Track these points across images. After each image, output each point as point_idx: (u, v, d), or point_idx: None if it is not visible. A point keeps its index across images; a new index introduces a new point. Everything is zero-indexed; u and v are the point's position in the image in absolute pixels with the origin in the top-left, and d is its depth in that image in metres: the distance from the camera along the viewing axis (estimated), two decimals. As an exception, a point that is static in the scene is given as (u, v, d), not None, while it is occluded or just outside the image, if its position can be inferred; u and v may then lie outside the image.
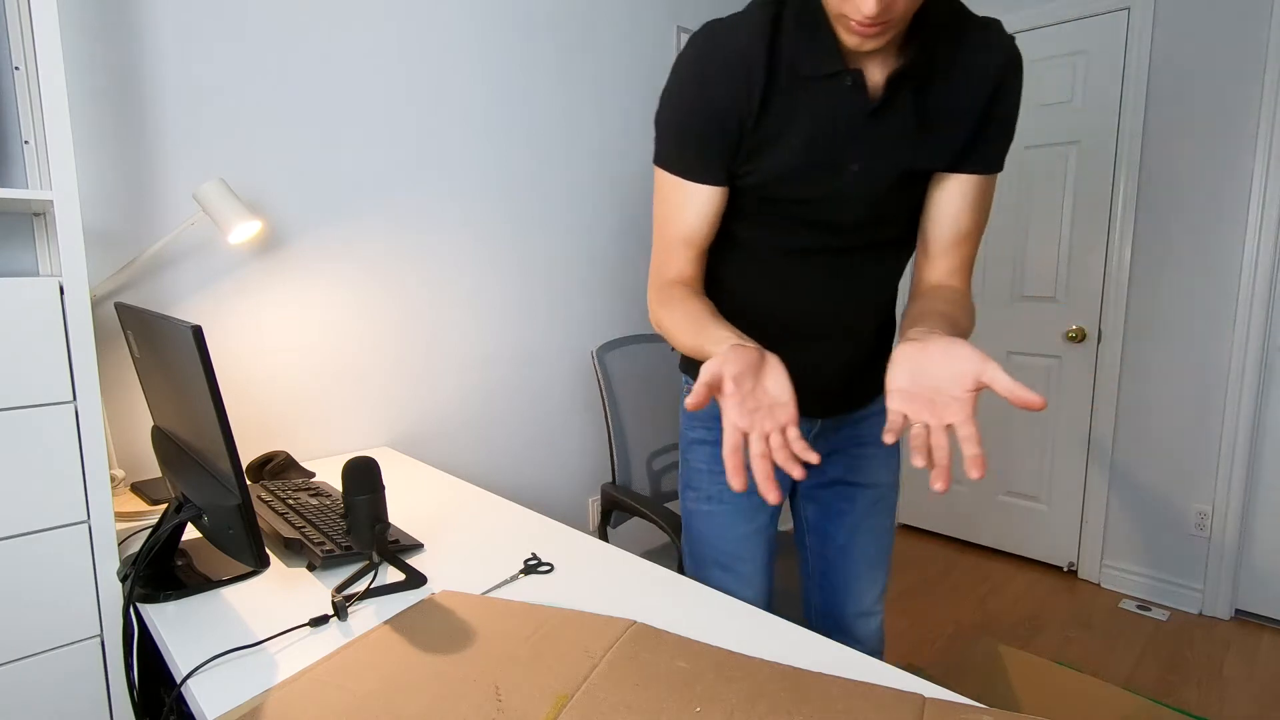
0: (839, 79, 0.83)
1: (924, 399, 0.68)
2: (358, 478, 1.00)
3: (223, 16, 1.43)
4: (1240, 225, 2.21)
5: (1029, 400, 0.61)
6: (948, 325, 0.79)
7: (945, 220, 0.93)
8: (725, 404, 0.70)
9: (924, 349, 0.69)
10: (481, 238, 1.92)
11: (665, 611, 0.89)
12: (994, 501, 2.86)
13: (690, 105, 0.87)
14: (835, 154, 0.87)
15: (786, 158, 0.87)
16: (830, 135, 0.86)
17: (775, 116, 0.86)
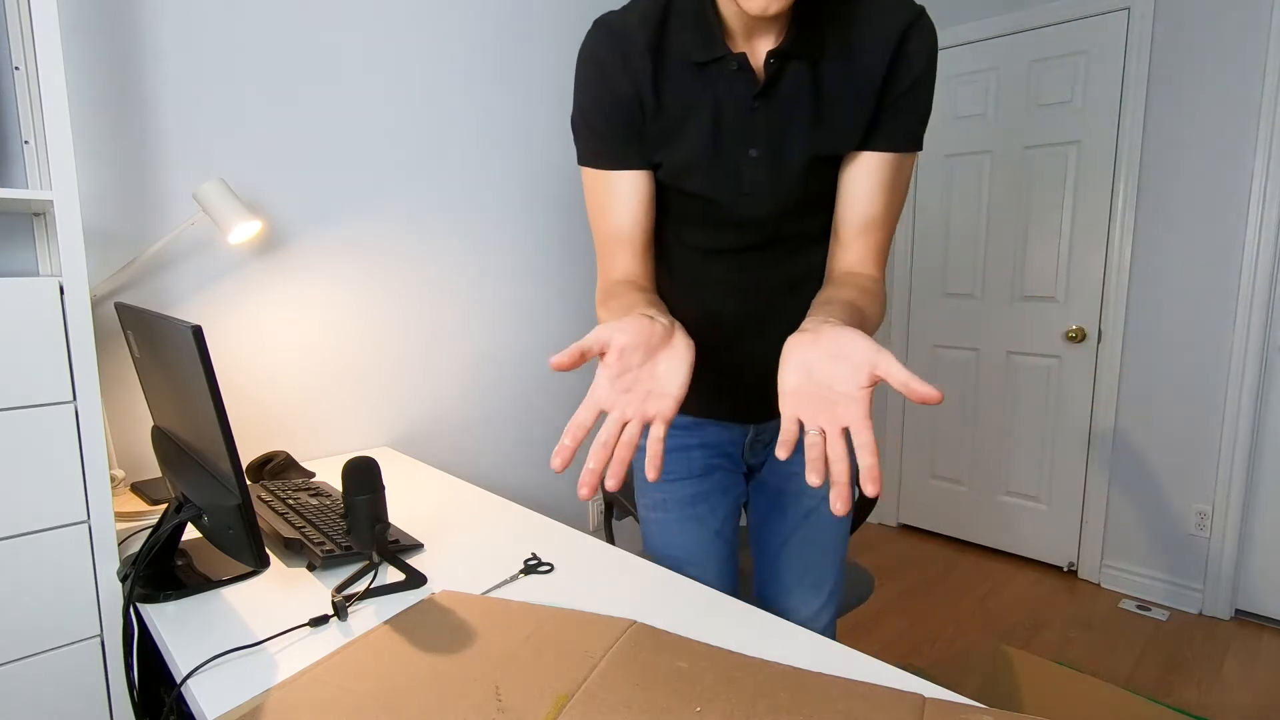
0: (724, 63, 0.80)
1: (818, 398, 0.61)
2: (358, 478, 1.00)
3: (223, 17, 1.43)
4: (1240, 225, 2.21)
5: (925, 394, 0.56)
6: (849, 313, 0.74)
7: (854, 203, 0.87)
8: (600, 374, 0.63)
9: (816, 341, 0.64)
10: (481, 237, 1.92)
11: (665, 611, 0.89)
12: (994, 501, 2.86)
13: (594, 96, 0.85)
14: (732, 142, 0.84)
15: (686, 149, 0.85)
16: (724, 122, 0.83)
17: (672, 105, 0.83)
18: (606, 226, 0.90)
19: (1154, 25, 2.32)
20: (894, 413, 3.12)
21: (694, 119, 0.84)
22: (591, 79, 0.85)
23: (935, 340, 2.96)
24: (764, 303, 0.96)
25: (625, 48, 0.82)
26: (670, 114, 0.84)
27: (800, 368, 0.63)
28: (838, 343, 0.62)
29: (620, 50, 0.82)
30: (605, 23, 0.84)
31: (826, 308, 0.75)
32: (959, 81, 2.79)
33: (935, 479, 3.03)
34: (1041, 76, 2.58)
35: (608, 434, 0.61)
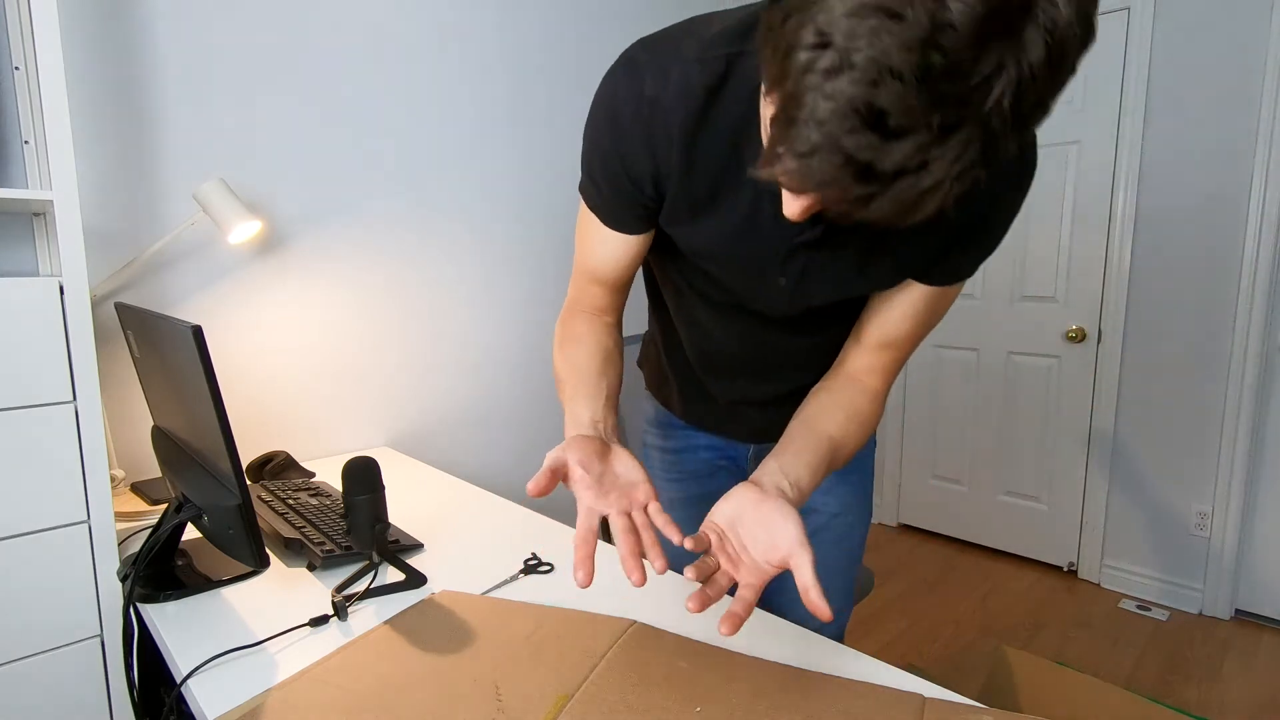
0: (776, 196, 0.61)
1: (732, 547, 0.67)
2: (358, 478, 1.00)
3: (223, 17, 1.43)
4: (1240, 225, 2.21)
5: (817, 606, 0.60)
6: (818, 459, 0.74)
7: (882, 321, 0.80)
8: (577, 488, 0.67)
9: (758, 503, 0.66)
10: (482, 237, 1.92)
11: (665, 611, 0.89)
12: (994, 501, 2.86)
13: (603, 155, 0.74)
14: (762, 262, 0.74)
15: (707, 241, 0.74)
16: (760, 240, 0.71)
17: (701, 187, 0.70)
18: (588, 261, 0.84)
19: (1154, 25, 2.32)
20: (894, 413, 3.12)
21: (724, 216, 0.71)
22: (604, 135, 0.73)
23: (935, 340, 2.96)
24: (770, 357, 0.90)
25: (654, 119, 0.67)
26: (696, 196, 0.72)
27: (733, 516, 0.68)
28: (772, 520, 0.65)
29: (646, 120, 0.68)
30: (639, 76, 0.68)
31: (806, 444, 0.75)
32: (959, 81, 2.78)
33: (935, 479, 3.03)
34: (1041, 76, 2.57)
35: (624, 522, 0.67)
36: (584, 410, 0.76)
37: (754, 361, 0.91)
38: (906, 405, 3.09)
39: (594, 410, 0.76)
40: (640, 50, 0.71)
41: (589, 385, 0.79)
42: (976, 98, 0.41)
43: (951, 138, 0.42)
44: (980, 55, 0.40)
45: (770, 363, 0.90)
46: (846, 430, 0.78)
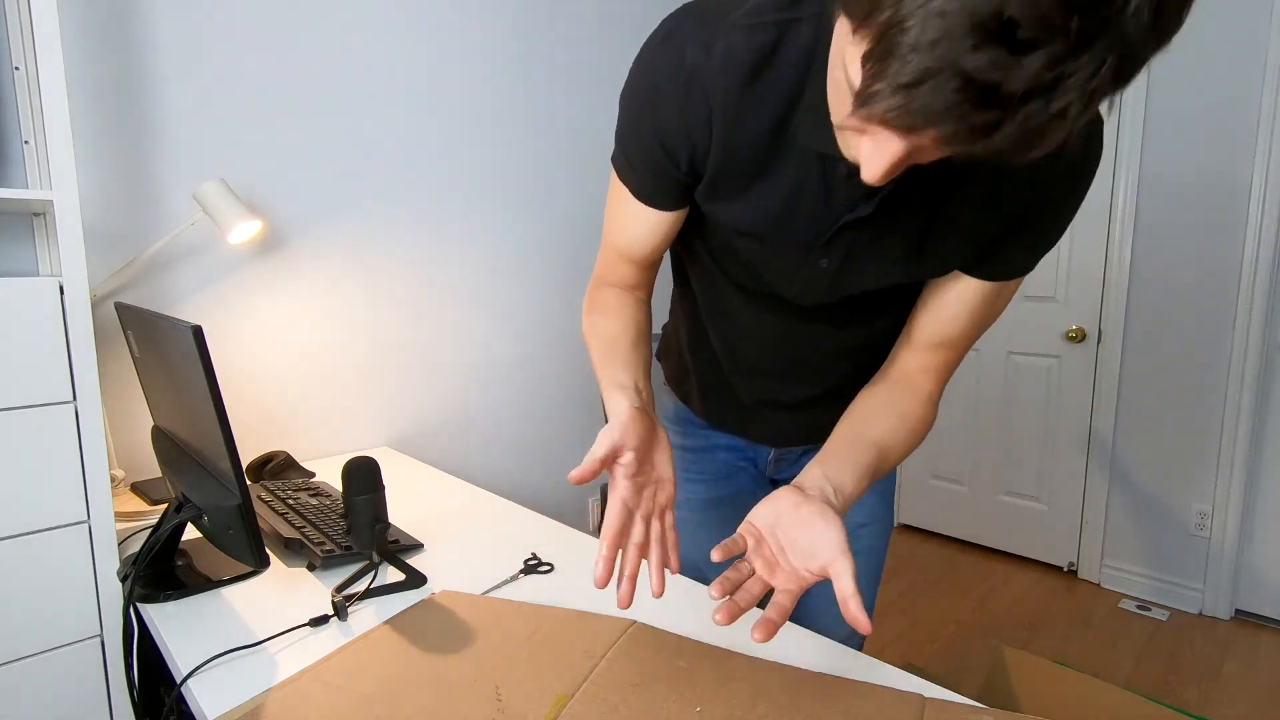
0: (834, 162, 0.61)
1: (769, 551, 0.64)
2: (358, 478, 1.00)
3: (223, 17, 1.43)
4: (1240, 225, 2.21)
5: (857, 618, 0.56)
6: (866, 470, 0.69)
7: (935, 318, 0.76)
8: (618, 476, 0.65)
9: (798, 507, 0.63)
10: (482, 237, 1.92)
11: (665, 611, 0.89)
12: (994, 501, 2.86)
13: (639, 121, 0.70)
14: (805, 241, 0.69)
15: (746, 218, 0.70)
16: (805, 218, 0.67)
17: (748, 168, 0.67)
18: (617, 239, 0.81)
19: (1154, 25, 2.32)
20: (894, 413, 3.11)
21: (768, 194, 0.67)
22: (640, 107, 0.69)
23: (935, 340, 2.96)
24: (804, 354, 0.85)
25: (693, 90, 0.64)
26: (737, 171, 0.68)
27: (773, 516, 0.65)
28: (814, 525, 0.62)
29: (685, 91, 0.64)
30: (680, 42, 0.64)
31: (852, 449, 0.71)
32: (959, 81, 2.78)
33: (935, 479, 3.03)
34: (1041, 76, 2.57)
35: (640, 537, 0.67)
36: (624, 374, 0.73)
37: (783, 360, 0.87)
38: (906, 405, 3.09)
39: (635, 376, 0.73)
40: (683, 17, 0.66)
41: (623, 352, 0.76)
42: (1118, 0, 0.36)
43: (1088, 50, 0.36)
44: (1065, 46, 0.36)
45: (800, 361, 0.86)
46: (895, 436, 0.75)
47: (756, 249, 0.74)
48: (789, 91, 0.62)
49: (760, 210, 0.69)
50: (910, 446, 0.76)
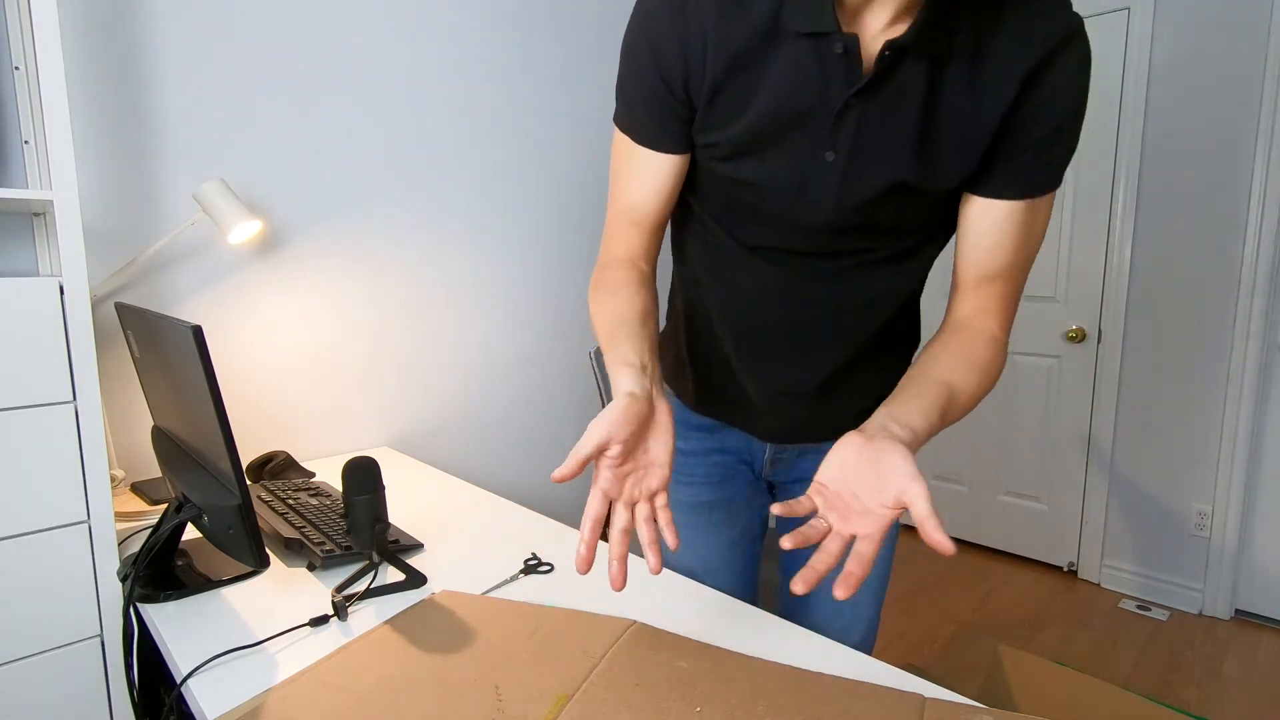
0: (828, 41, 0.64)
1: (842, 500, 0.62)
2: (358, 478, 1.00)
3: (223, 17, 1.43)
4: (1240, 225, 2.21)
5: (938, 541, 0.54)
6: (931, 405, 0.67)
7: (975, 252, 0.74)
8: (601, 467, 0.64)
9: (862, 449, 0.62)
10: (481, 238, 1.92)
11: (665, 611, 0.89)
12: (994, 501, 2.86)
13: (637, 68, 0.73)
14: (809, 136, 0.69)
15: (748, 129, 0.70)
16: (806, 108, 0.68)
17: (742, 76, 0.69)
18: (623, 198, 0.81)
19: (1154, 25, 2.32)
20: (894, 413, 3.12)
21: (766, 94, 0.68)
22: (638, 41, 0.72)
23: (935, 340, 2.96)
24: (812, 320, 0.83)
25: (688, 11, 0.68)
26: (736, 86, 0.69)
27: (839, 467, 0.63)
28: (880, 459, 0.60)
29: (681, 12, 0.68)
30: None
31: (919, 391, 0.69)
32: (959, 81, 2.78)
33: (935, 479, 3.03)
34: (1041, 76, 2.57)
35: (624, 522, 0.65)
36: (631, 351, 0.71)
37: (794, 330, 0.84)
38: (906, 405, 3.09)
39: (641, 353, 0.72)
40: None
41: (630, 328, 0.75)
42: None
43: None
44: None
45: (811, 329, 0.84)
46: (965, 377, 0.71)
47: (760, 171, 0.73)
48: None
49: (763, 116, 0.69)
50: (982, 387, 0.73)
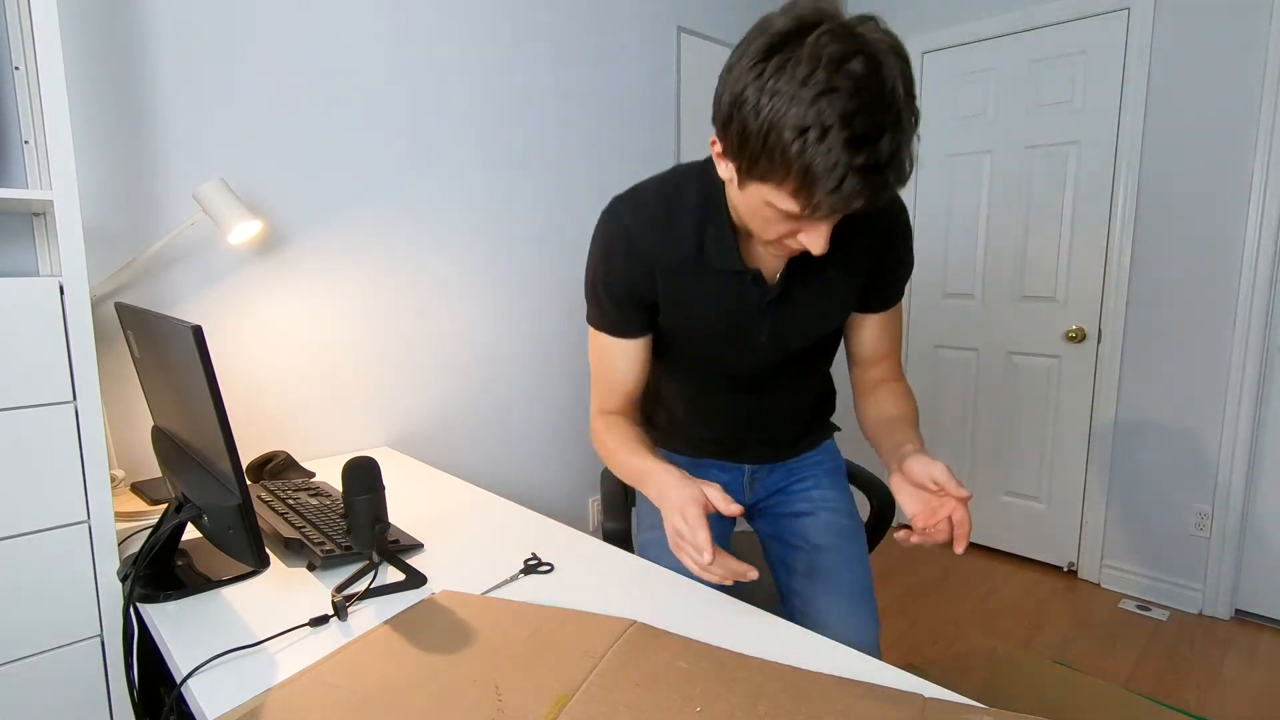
0: (740, 275, 0.94)
1: (929, 508, 0.84)
2: (358, 478, 1.00)
3: (223, 17, 1.43)
4: (1240, 225, 2.21)
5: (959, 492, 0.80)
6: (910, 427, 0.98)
7: (866, 348, 1.08)
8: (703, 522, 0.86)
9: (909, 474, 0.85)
10: (482, 238, 1.92)
11: (665, 611, 0.89)
12: (994, 501, 2.86)
13: (606, 280, 0.97)
14: (741, 331, 0.99)
15: (702, 326, 0.99)
16: (736, 316, 0.97)
17: (683, 293, 0.96)
18: (608, 376, 1.04)
19: (1154, 25, 2.32)
20: (894, 413, 3.11)
21: (707, 305, 0.97)
22: (604, 263, 0.97)
23: (935, 340, 2.96)
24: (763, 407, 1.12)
25: (637, 250, 0.94)
26: (682, 302, 0.97)
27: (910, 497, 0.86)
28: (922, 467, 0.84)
29: (632, 252, 0.94)
30: (619, 217, 0.96)
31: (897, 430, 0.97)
32: (959, 81, 2.78)
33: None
34: (1041, 76, 2.57)
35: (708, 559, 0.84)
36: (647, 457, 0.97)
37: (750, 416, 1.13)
38: (906, 405, 3.08)
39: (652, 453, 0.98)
40: (617, 200, 0.97)
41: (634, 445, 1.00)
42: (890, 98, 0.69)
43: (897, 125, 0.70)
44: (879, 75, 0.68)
45: (764, 415, 1.13)
46: (905, 406, 1.03)
47: (709, 345, 1.02)
48: (695, 231, 0.93)
49: (702, 319, 0.98)
50: (913, 408, 1.04)
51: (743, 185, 0.80)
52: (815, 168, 0.69)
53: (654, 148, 2.33)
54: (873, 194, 0.72)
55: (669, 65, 2.34)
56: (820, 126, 0.67)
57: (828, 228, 0.79)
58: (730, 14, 2.54)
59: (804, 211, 0.74)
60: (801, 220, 0.77)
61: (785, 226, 0.80)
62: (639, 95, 2.26)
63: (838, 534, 1.13)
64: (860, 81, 0.68)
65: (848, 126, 0.67)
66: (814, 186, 0.70)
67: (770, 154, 0.71)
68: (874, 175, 0.70)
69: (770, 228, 0.81)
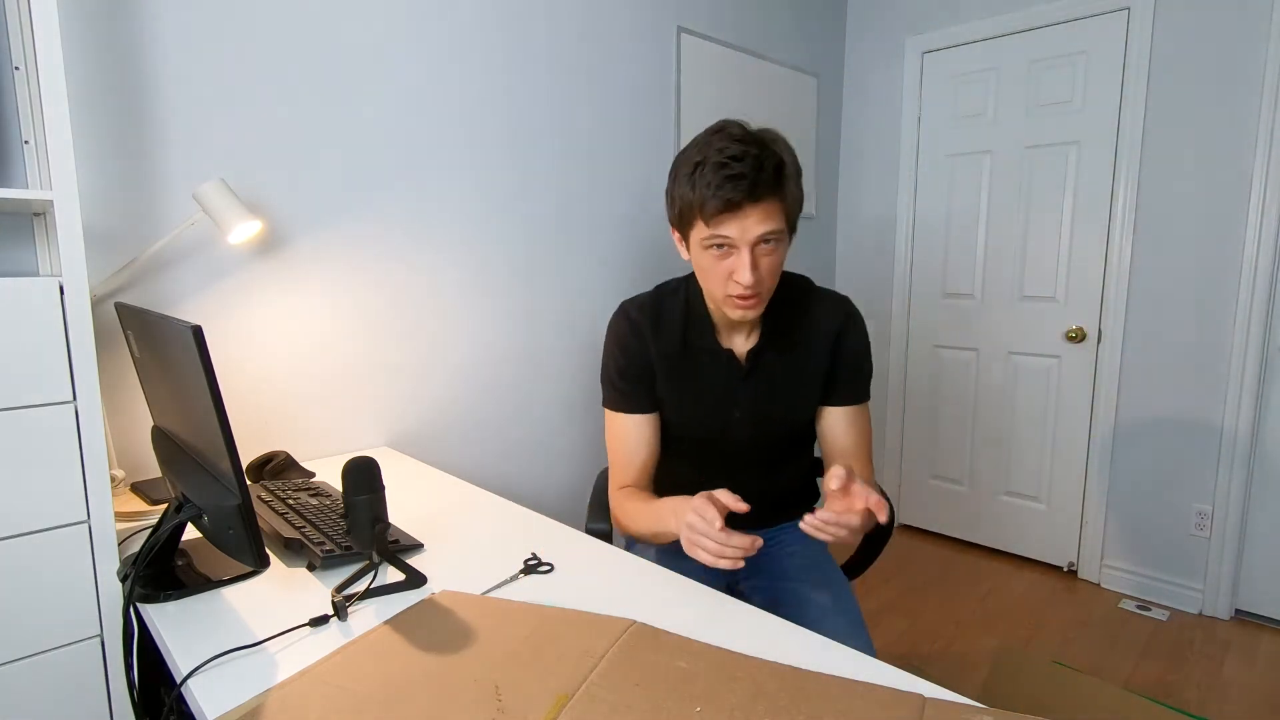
0: (717, 354, 1.17)
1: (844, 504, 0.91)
2: (358, 478, 1.00)
3: (223, 16, 1.43)
4: (1240, 225, 2.21)
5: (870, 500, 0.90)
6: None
7: (832, 439, 1.22)
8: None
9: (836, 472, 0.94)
10: (482, 238, 1.92)
11: (665, 611, 0.89)
12: (994, 501, 2.86)
13: (619, 365, 1.20)
14: (721, 405, 1.19)
15: (689, 407, 1.20)
16: (715, 391, 1.19)
17: (675, 374, 1.19)
18: (623, 449, 1.22)
19: (1154, 25, 2.32)
20: (894, 414, 3.12)
21: (693, 386, 1.19)
22: (618, 348, 1.20)
23: (935, 340, 2.96)
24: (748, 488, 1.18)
25: (641, 336, 1.19)
26: (675, 380, 1.19)
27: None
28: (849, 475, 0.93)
29: (638, 337, 1.19)
30: (627, 313, 1.21)
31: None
32: (959, 81, 2.79)
33: (935, 479, 3.03)
34: (1041, 76, 2.58)
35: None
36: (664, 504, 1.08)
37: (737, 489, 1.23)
38: (906, 405, 3.09)
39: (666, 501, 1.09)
40: (625, 302, 1.24)
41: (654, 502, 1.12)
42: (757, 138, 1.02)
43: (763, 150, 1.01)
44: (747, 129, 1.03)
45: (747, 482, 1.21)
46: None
47: (698, 424, 1.21)
48: (681, 323, 1.19)
49: (691, 394, 1.20)
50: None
51: (689, 247, 1.08)
52: (699, 185, 1.00)
53: (654, 148, 2.33)
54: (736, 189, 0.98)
55: (669, 65, 2.34)
56: (701, 161, 1.00)
57: (748, 253, 1.01)
58: (730, 14, 2.54)
59: (711, 225, 1.01)
60: (725, 250, 1.03)
61: (722, 266, 1.04)
62: (639, 95, 2.26)
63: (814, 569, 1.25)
64: (731, 131, 1.02)
65: (719, 154, 0.99)
66: (704, 199, 1.00)
67: (683, 200, 1.04)
68: (739, 179, 0.97)
69: (715, 273, 1.05)
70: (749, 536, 0.89)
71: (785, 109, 2.80)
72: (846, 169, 3.16)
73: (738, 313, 1.07)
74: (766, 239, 1.02)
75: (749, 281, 1.01)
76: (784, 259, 1.08)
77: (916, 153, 2.93)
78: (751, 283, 1.01)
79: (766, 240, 1.02)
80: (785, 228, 1.04)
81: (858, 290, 3.18)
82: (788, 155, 1.03)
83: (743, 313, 1.07)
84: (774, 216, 1.01)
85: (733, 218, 0.99)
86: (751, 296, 1.04)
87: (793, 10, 2.81)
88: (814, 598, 1.17)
